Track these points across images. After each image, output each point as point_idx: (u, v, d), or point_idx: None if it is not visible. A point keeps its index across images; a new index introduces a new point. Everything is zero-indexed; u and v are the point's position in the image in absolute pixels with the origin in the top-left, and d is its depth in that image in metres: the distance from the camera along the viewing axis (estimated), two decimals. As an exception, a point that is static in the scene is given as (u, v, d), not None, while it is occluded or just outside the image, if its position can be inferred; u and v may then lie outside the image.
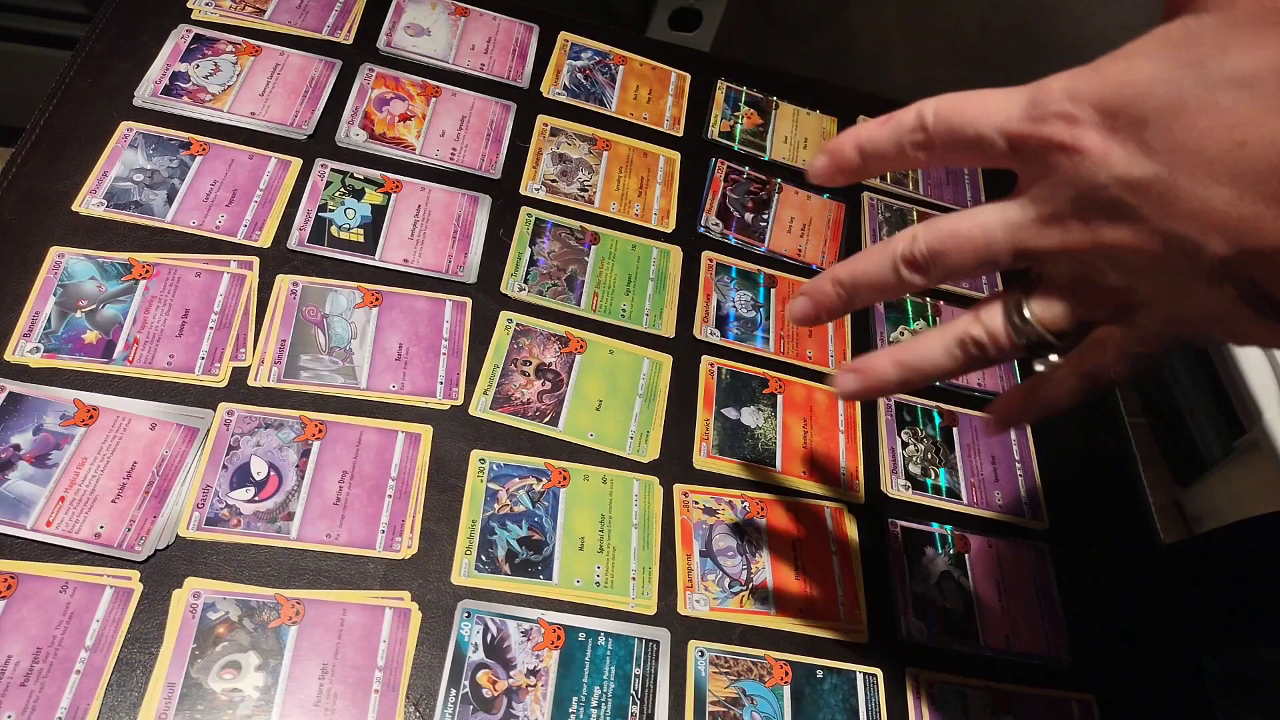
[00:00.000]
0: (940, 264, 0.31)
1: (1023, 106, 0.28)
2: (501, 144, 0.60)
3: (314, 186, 0.54)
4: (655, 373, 0.54)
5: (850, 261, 0.34)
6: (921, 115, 0.30)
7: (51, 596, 0.39)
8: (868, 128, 0.32)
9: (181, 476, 0.43)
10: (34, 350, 0.45)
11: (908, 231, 0.32)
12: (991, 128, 0.28)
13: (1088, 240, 0.27)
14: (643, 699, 0.43)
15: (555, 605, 0.45)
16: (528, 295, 0.54)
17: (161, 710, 0.38)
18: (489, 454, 0.48)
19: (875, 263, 0.33)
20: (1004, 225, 0.29)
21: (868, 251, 0.33)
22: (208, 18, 0.59)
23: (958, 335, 0.32)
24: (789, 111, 0.71)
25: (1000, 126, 0.28)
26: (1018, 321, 0.31)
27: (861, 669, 0.47)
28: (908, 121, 0.31)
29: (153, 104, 0.54)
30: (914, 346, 0.34)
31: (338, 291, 0.51)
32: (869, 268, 0.33)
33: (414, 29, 0.64)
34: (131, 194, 0.51)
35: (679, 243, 0.60)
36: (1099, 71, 0.26)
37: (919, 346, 0.33)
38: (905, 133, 0.31)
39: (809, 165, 0.35)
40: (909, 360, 0.34)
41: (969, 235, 0.30)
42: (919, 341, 0.33)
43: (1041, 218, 0.28)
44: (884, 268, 0.32)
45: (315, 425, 0.46)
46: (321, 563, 0.43)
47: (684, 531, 0.49)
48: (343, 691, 0.40)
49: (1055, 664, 0.50)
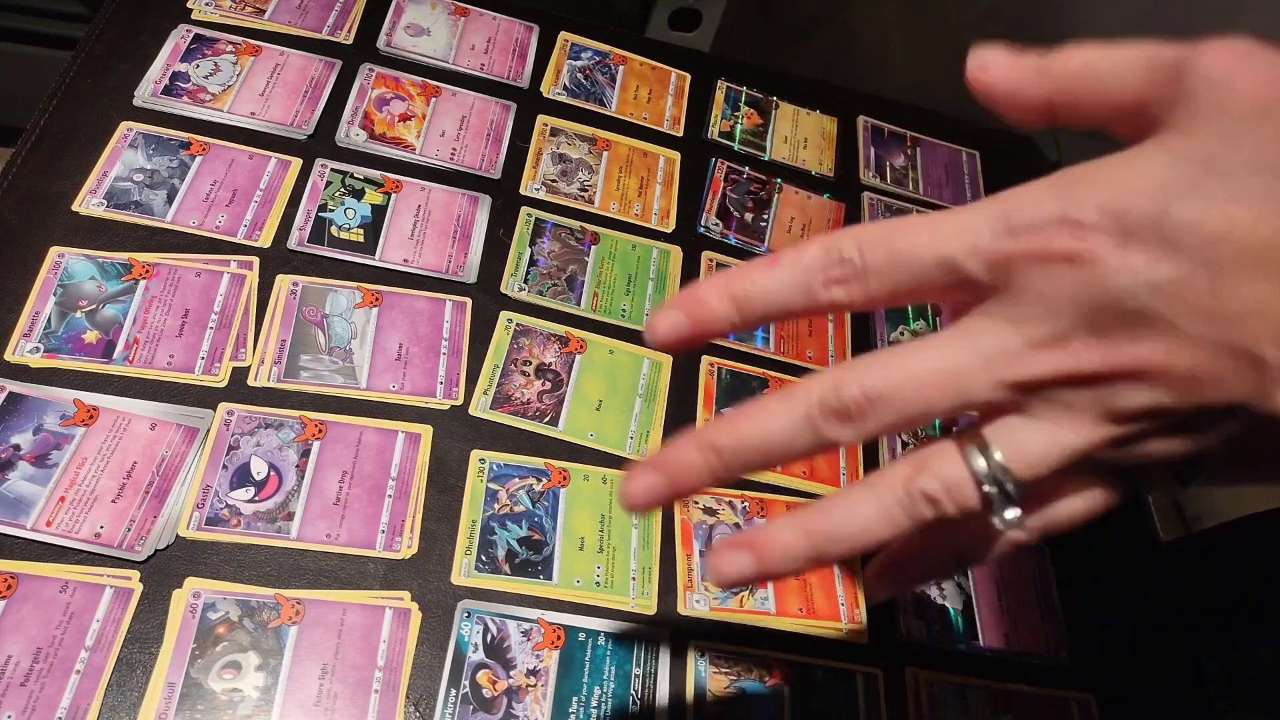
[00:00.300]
0: (883, 413, 0.23)
1: (994, 220, 0.23)
2: (501, 144, 0.60)
3: (314, 186, 0.54)
4: (655, 373, 0.54)
5: (737, 418, 0.25)
6: (837, 249, 0.24)
7: (51, 596, 0.39)
8: (744, 272, 0.25)
9: (181, 476, 0.43)
10: (34, 350, 0.45)
11: (825, 375, 0.24)
12: (963, 249, 0.23)
13: (1105, 363, 0.22)
14: (643, 699, 0.43)
15: (555, 605, 0.45)
16: (528, 295, 0.55)
17: (161, 710, 0.38)
18: (489, 454, 0.48)
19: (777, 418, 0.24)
20: (980, 356, 0.23)
21: (763, 403, 0.24)
22: (208, 18, 0.59)
23: (898, 493, 0.24)
24: (789, 111, 0.71)
25: (973, 246, 0.23)
26: (985, 471, 0.24)
27: (861, 669, 0.47)
28: (813, 259, 0.24)
29: (153, 104, 0.54)
30: (832, 509, 0.25)
31: (338, 291, 0.51)
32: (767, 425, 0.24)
33: (414, 29, 0.64)
34: (131, 194, 0.51)
35: (679, 243, 0.60)
36: (1088, 176, 0.22)
37: (840, 510, 0.25)
38: (815, 271, 0.24)
39: (648, 322, 0.26)
40: (824, 528, 0.25)
41: (930, 373, 0.23)
42: (839, 503, 0.25)
43: (1035, 342, 0.23)
44: (792, 422, 0.24)
45: (315, 425, 0.46)
46: (321, 563, 0.43)
47: (684, 531, 0.49)
48: (343, 691, 0.40)
49: (1055, 664, 0.50)
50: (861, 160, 0.70)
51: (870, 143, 0.72)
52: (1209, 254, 0.21)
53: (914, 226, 0.24)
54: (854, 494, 0.25)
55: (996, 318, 0.23)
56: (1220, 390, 0.22)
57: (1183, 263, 0.21)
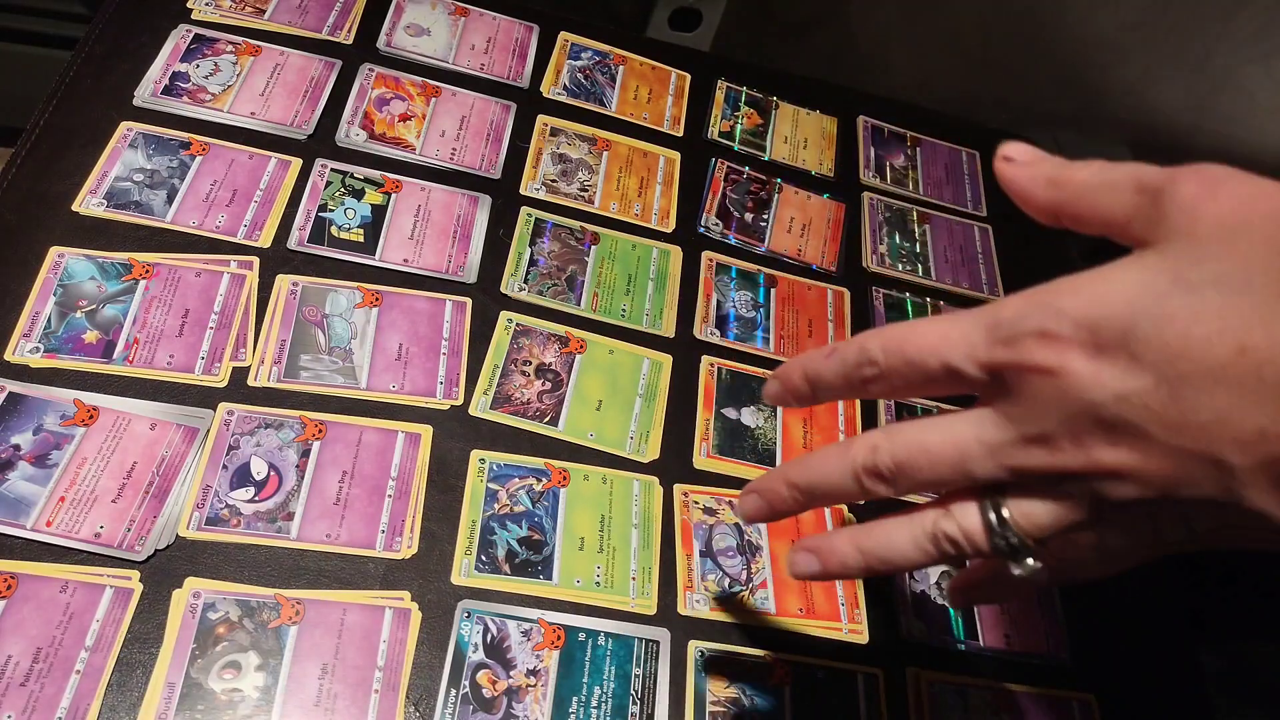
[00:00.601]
0: (908, 478, 0.29)
1: (987, 330, 0.26)
2: (501, 144, 0.60)
3: (314, 186, 0.54)
4: (655, 373, 0.54)
5: (805, 464, 0.32)
6: (865, 350, 0.29)
7: (51, 596, 0.39)
8: (813, 359, 0.31)
9: (181, 476, 0.43)
10: (34, 350, 0.45)
11: (867, 438, 0.29)
12: (962, 357, 0.27)
13: (1083, 463, 0.25)
14: (643, 699, 0.43)
15: (555, 605, 0.45)
16: (528, 295, 0.55)
17: (161, 710, 0.38)
18: (489, 454, 0.48)
19: (834, 470, 0.31)
20: (980, 443, 0.27)
21: (825, 454, 0.31)
22: (208, 18, 0.59)
23: (928, 529, 0.30)
24: (789, 111, 0.71)
25: (970, 355, 0.26)
26: (996, 527, 0.28)
27: (861, 669, 0.47)
28: (850, 356, 0.29)
29: (153, 104, 0.54)
30: (879, 533, 0.31)
31: (338, 291, 0.51)
32: (827, 474, 0.31)
33: (414, 29, 0.64)
34: (131, 194, 0.51)
35: (679, 243, 0.60)
36: (1070, 289, 0.25)
37: (885, 534, 0.31)
38: (851, 368, 0.29)
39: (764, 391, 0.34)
40: (872, 548, 0.31)
41: (940, 451, 0.28)
42: (883, 528, 0.31)
43: (1025, 438, 0.26)
44: (844, 476, 0.30)
45: (315, 425, 0.46)
46: (321, 563, 0.43)
47: (684, 531, 0.49)
48: (343, 691, 0.40)
49: (1055, 664, 0.50)
50: (861, 160, 0.70)
51: (870, 143, 0.72)
52: (1172, 369, 0.23)
53: (925, 333, 0.28)
54: (896, 523, 0.30)
55: (997, 412, 0.27)
56: (1194, 489, 0.24)
57: (1148, 376, 0.23)
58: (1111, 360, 0.24)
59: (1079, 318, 0.24)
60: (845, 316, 0.61)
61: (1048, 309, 0.25)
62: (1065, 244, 0.70)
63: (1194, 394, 0.23)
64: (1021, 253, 0.69)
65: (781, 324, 0.59)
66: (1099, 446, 0.25)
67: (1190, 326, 0.23)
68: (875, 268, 0.64)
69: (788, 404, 0.33)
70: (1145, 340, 0.23)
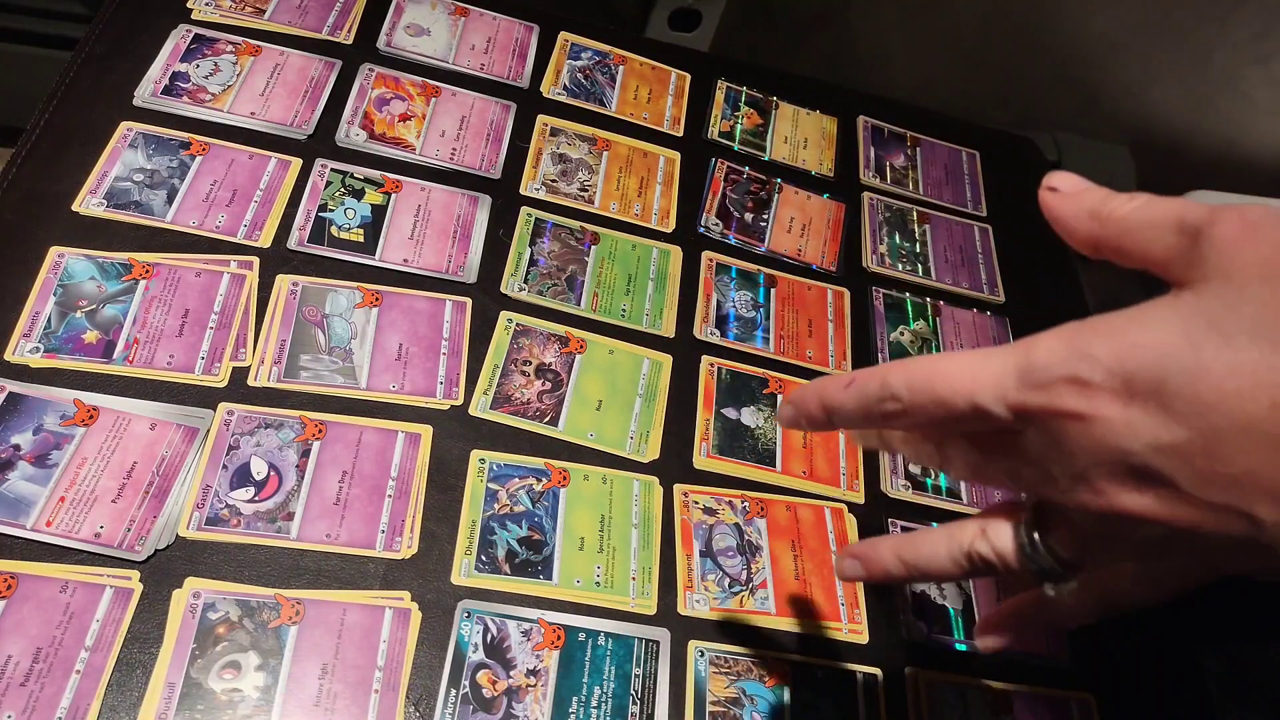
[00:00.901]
0: None
1: (1017, 370, 0.26)
2: (501, 144, 0.60)
3: (314, 186, 0.54)
4: (655, 373, 0.54)
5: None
6: (888, 386, 0.28)
7: (51, 596, 0.39)
8: (831, 389, 0.31)
9: (181, 476, 0.43)
10: (34, 350, 0.45)
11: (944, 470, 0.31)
12: (992, 398, 0.26)
13: (1115, 507, 0.25)
14: (643, 699, 0.43)
15: (555, 605, 0.45)
16: (528, 295, 0.55)
17: (161, 710, 0.38)
18: (489, 454, 0.48)
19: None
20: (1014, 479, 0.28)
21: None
22: (208, 18, 0.59)
23: (965, 547, 0.31)
24: (789, 111, 0.71)
25: (1000, 396, 0.26)
26: (1029, 550, 0.29)
27: (861, 669, 0.47)
28: (872, 390, 0.29)
29: (153, 104, 0.54)
30: (919, 545, 0.32)
31: (338, 291, 0.51)
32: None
33: (414, 29, 0.64)
34: (131, 194, 0.51)
35: (679, 243, 0.60)
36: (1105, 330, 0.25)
37: (924, 547, 0.32)
38: (872, 402, 0.29)
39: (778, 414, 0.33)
40: (912, 559, 0.32)
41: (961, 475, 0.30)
42: (924, 540, 0.32)
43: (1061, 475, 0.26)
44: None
45: (315, 425, 0.46)
46: (321, 563, 0.43)
47: (684, 531, 0.49)
48: (343, 691, 0.40)
49: (1055, 664, 0.50)
50: (861, 160, 0.70)
51: (870, 143, 0.72)
52: (1204, 422, 0.22)
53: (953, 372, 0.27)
54: (936, 536, 0.31)
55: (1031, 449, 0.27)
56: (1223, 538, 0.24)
57: (1180, 427, 0.23)
58: (1143, 409, 0.23)
59: (1112, 365, 0.24)
60: (845, 316, 0.61)
61: (1080, 354, 0.24)
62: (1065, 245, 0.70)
63: (1226, 448, 0.22)
64: (1021, 253, 0.69)
65: (781, 324, 0.59)
66: (1124, 493, 0.25)
67: (1224, 380, 0.22)
68: (875, 268, 0.64)
69: (801, 428, 0.33)
70: (1178, 392, 0.23)
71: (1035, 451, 0.26)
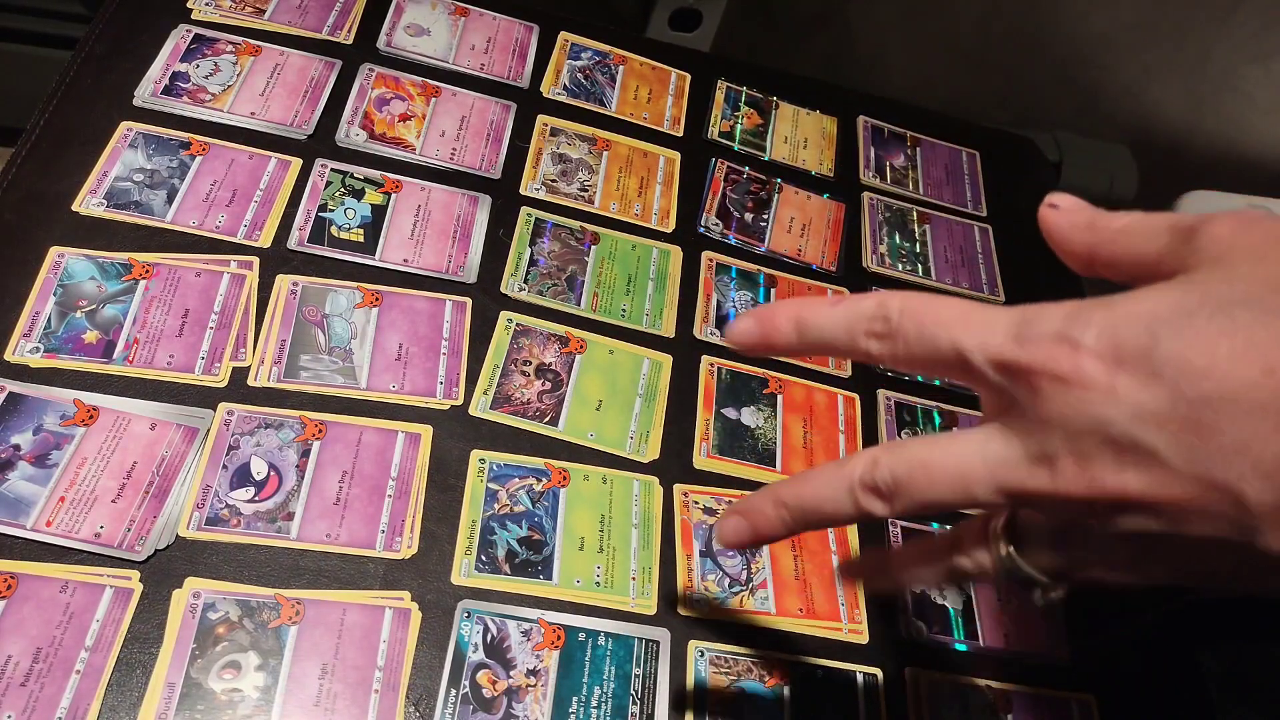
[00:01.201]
0: (906, 496, 0.27)
1: (1010, 326, 0.25)
2: (501, 144, 0.60)
3: (314, 186, 0.54)
4: (655, 373, 0.54)
5: (796, 481, 0.30)
6: (885, 306, 0.27)
7: (51, 596, 0.39)
8: (813, 303, 0.29)
9: (181, 476, 0.43)
10: (34, 350, 0.45)
11: (867, 453, 0.28)
12: (975, 345, 0.25)
13: (1090, 489, 0.24)
14: (643, 699, 0.43)
15: (555, 605, 0.45)
16: (528, 295, 0.55)
17: (161, 710, 0.38)
18: (489, 454, 0.48)
19: (828, 486, 0.29)
20: (984, 460, 0.26)
21: (818, 471, 0.29)
22: (208, 18, 0.59)
23: (947, 565, 0.30)
24: (789, 111, 0.71)
25: (984, 344, 0.25)
26: (1008, 564, 0.28)
27: (861, 669, 0.47)
28: (866, 308, 0.28)
29: (153, 104, 0.54)
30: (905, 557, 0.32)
31: (338, 291, 0.51)
32: (819, 491, 0.29)
33: (414, 29, 0.64)
34: (131, 194, 0.51)
35: (679, 243, 0.60)
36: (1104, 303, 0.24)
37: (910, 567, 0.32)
38: (862, 319, 0.28)
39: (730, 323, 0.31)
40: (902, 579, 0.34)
41: (941, 468, 0.26)
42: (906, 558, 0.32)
43: (1029, 456, 0.25)
44: (838, 492, 0.28)
45: (315, 425, 0.46)
46: (321, 563, 0.43)
47: (684, 531, 0.49)
48: (343, 691, 0.40)
49: (1055, 664, 0.50)
50: (861, 160, 0.70)
51: (870, 143, 0.72)
52: (1193, 388, 0.22)
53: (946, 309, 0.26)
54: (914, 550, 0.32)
55: (1003, 426, 0.26)
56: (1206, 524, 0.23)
57: (1167, 394, 0.22)
58: (1130, 374, 0.23)
59: (1104, 328, 0.23)
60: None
61: (1076, 317, 0.24)
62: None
63: (1214, 416, 0.22)
64: (1021, 253, 0.69)
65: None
66: (1106, 469, 0.23)
67: (1216, 343, 0.22)
68: (875, 268, 0.64)
69: (755, 349, 0.30)
70: (1167, 356, 0.22)
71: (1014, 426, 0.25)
